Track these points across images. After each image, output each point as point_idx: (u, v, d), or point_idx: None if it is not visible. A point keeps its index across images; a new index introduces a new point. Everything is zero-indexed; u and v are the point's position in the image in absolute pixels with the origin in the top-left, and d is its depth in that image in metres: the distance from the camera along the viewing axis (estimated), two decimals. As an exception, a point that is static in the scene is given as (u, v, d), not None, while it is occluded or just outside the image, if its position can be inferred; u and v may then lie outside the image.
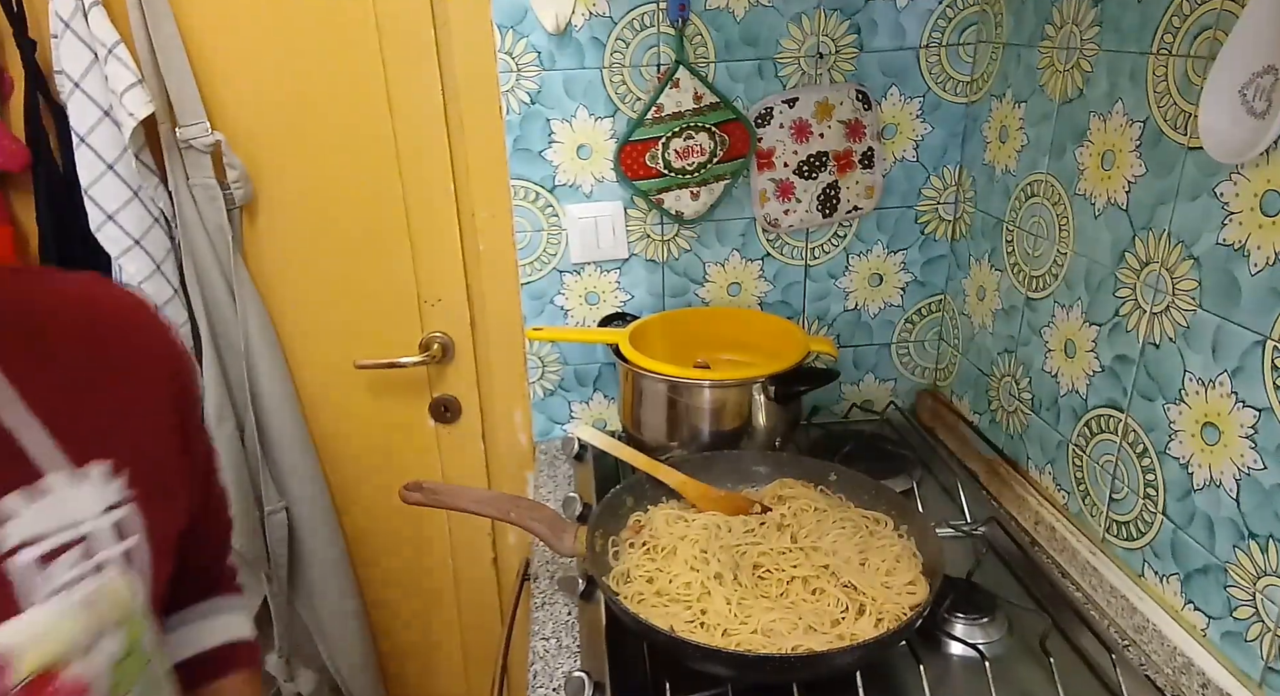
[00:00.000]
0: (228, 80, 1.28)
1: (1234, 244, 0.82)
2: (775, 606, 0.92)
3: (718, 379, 1.24)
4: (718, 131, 1.28)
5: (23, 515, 0.55)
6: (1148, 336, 0.96)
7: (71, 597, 0.57)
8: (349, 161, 1.35)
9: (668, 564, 0.99)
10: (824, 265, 1.42)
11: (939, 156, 1.37)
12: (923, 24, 1.29)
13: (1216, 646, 0.88)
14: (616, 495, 1.09)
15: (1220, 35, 0.82)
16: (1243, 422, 0.82)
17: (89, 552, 0.58)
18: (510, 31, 1.24)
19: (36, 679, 0.55)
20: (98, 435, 0.62)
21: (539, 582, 1.13)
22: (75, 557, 0.57)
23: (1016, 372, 1.23)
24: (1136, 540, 1.00)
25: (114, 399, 0.65)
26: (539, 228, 1.35)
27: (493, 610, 1.68)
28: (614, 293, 1.41)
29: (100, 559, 0.59)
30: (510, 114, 1.29)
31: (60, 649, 0.56)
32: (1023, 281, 1.20)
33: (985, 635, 0.98)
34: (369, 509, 1.57)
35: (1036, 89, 1.14)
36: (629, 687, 0.93)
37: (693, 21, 1.25)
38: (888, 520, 1.05)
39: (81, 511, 0.58)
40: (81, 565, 0.58)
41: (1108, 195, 1.01)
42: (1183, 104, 0.88)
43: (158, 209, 1.28)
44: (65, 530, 0.57)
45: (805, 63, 1.29)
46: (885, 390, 1.53)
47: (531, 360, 1.44)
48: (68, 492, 0.57)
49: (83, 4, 1.16)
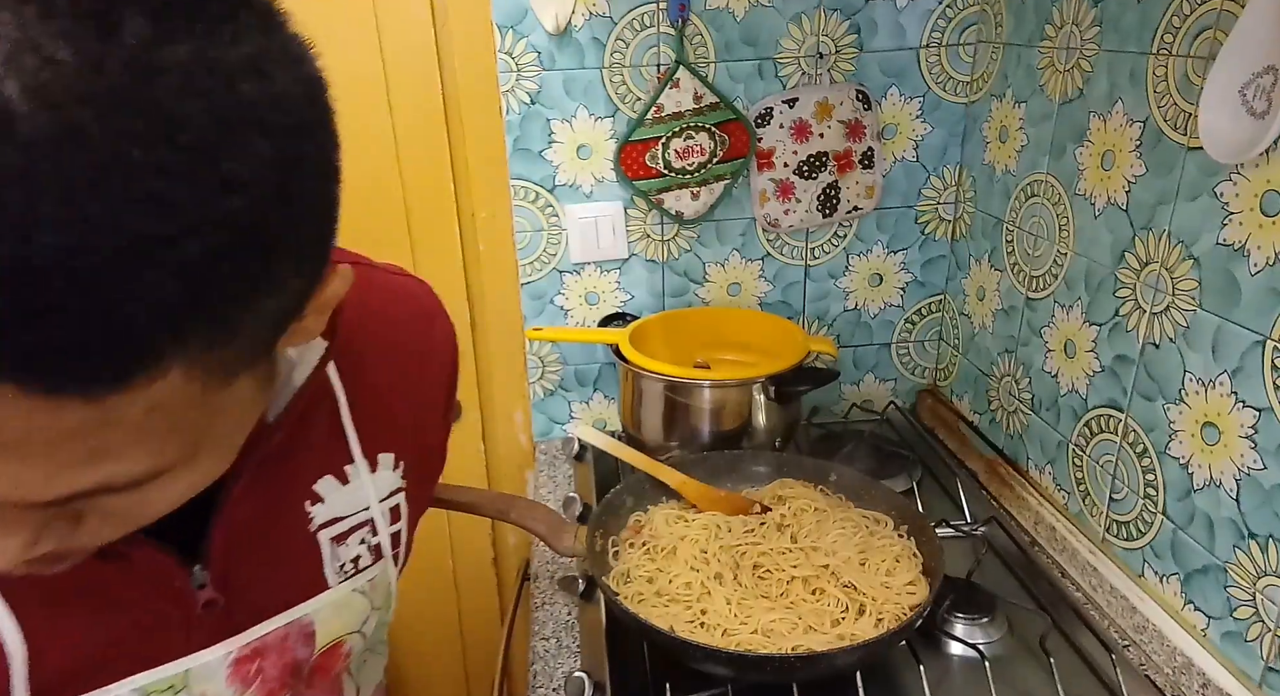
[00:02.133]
0: (228, 80, 1.28)
1: (1234, 244, 0.82)
2: (775, 606, 0.92)
3: (718, 379, 1.24)
4: (718, 131, 1.28)
5: (330, 499, 0.63)
6: (1148, 336, 0.96)
7: (359, 582, 0.66)
8: (349, 161, 1.33)
9: (668, 564, 0.99)
10: (824, 265, 1.42)
11: (939, 156, 1.37)
12: (923, 24, 1.29)
13: (1216, 646, 0.88)
14: (616, 495, 1.09)
15: (1220, 35, 0.82)
16: (1243, 423, 0.82)
17: (371, 533, 0.66)
18: (510, 31, 1.24)
19: (330, 647, 0.66)
20: (391, 429, 0.67)
21: (539, 582, 1.12)
22: (360, 537, 0.65)
23: (1016, 373, 1.23)
24: (1136, 540, 1.00)
25: (407, 395, 0.69)
26: (539, 228, 1.35)
27: (493, 610, 1.68)
28: (614, 293, 1.41)
29: (376, 541, 0.67)
30: (510, 114, 1.29)
31: (349, 625, 0.67)
32: (1023, 281, 1.20)
33: (985, 635, 0.98)
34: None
35: (1036, 89, 1.14)
36: (629, 687, 0.93)
37: (693, 21, 1.25)
38: (888, 520, 1.05)
39: (369, 498, 0.65)
40: (362, 546, 0.66)
41: (1108, 195, 1.01)
42: (1183, 104, 0.88)
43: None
44: (356, 513, 0.65)
45: (805, 63, 1.29)
46: (885, 390, 1.53)
47: (531, 360, 1.44)
48: (362, 481, 0.65)
49: (83, 4, 1.16)
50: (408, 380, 0.70)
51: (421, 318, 0.74)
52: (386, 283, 0.72)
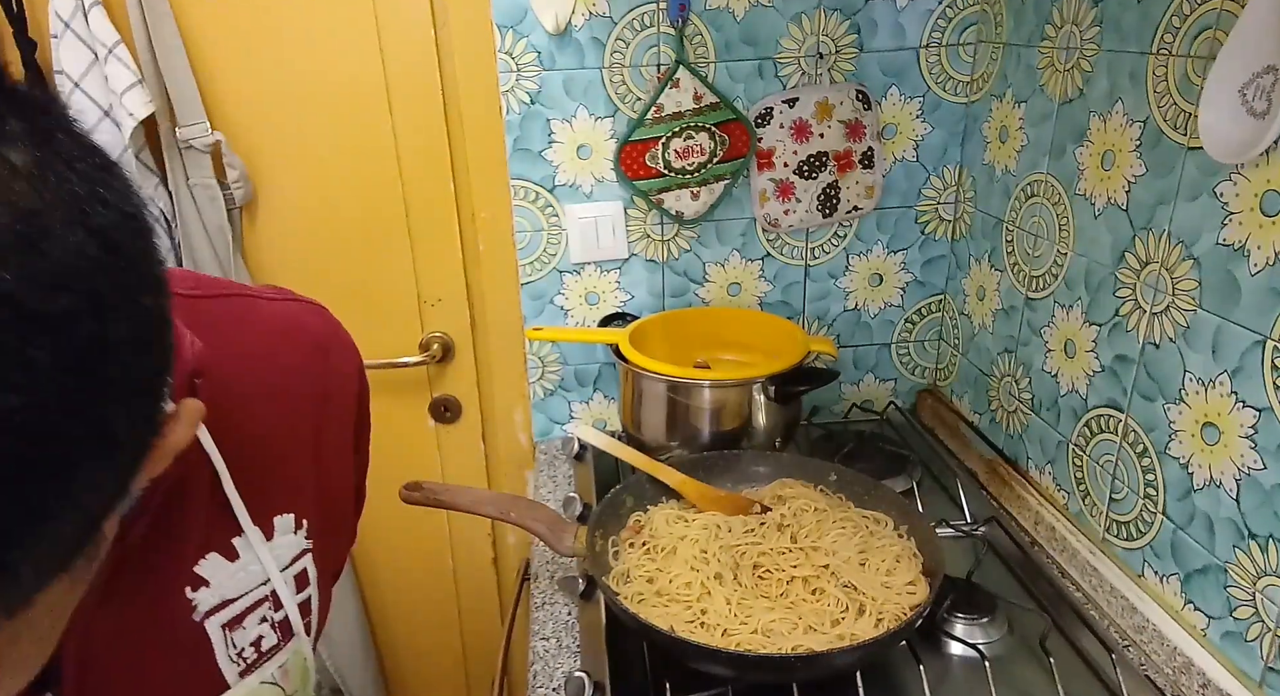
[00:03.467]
0: (228, 80, 1.28)
1: (1234, 244, 0.82)
2: (775, 606, 0.92)
3: (718, 379, 1.24)
4: (718, 131, 1.28)
5: (217, 580, 0.54)
6: (1148, 336, 0.96)
7: (267, 671, 0.58)
8: (349, 161, 1.35)
9: (668, 564, 0.99)
10: (824, 265, 1.42)
11: (939, 156, 1.37)
12: (923, 24, 1.29)
13: (1216, 646, 0.88)
14: (616, 495, 1.09)
15: (1220, 35, 0.82)
16: (1243, 422, 0.82)
17: (273, 608, 0.58)
18: (510, 31, 1.24)
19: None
20: (287, 487, 0.59)
21: (539, 582, 1.12)
22: (259, 617, 0.57)
23: (1016, 373, 1.23)
24: (1136, 540, 1.00)
25: (304, 445, 0.61)
26: (539, 228, 1.35)
27: (493, 610, 1.68)
28: (614, 293, 1.41)
29: (281, 616, 0.59)
30: (510, 114, 1.29)
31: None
32: (1023, 281, 1.20)
33: (985, 635, 0.98)
34: (369, 508, 1.56)
35: (1036, 89, 1.14)
36: (629, 687, 0.93)
37: (693, 21, 1.25)
38: (888, 520, 1.05)
39: (267, 570, 0.57)
40: (264, 625, 0.58)
41: (1108, 195, 1.01)
42: (1183, 104, 0.88)
43: (158, 209, 1.28)
44: (252, 590, 0.57)
45: (805, 63, 1.29)
46: (885, 390, 1.53)
47: (531, 360, 1.44)
48: (256, 553, 0.56)
49: (83, 4, 1.16)
50: (303, 427, 0.61)
51: (315, 352, 0.64)
52: (270, 317, 0.62)
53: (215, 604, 0.54)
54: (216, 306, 0.58)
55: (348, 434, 0.67)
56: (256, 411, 0.57)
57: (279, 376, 0.60)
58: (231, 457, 0.54)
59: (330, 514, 0.64)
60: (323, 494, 0.63)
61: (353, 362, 0.67)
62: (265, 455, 0.57)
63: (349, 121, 1.32)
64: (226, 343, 0.51)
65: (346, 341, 0.67)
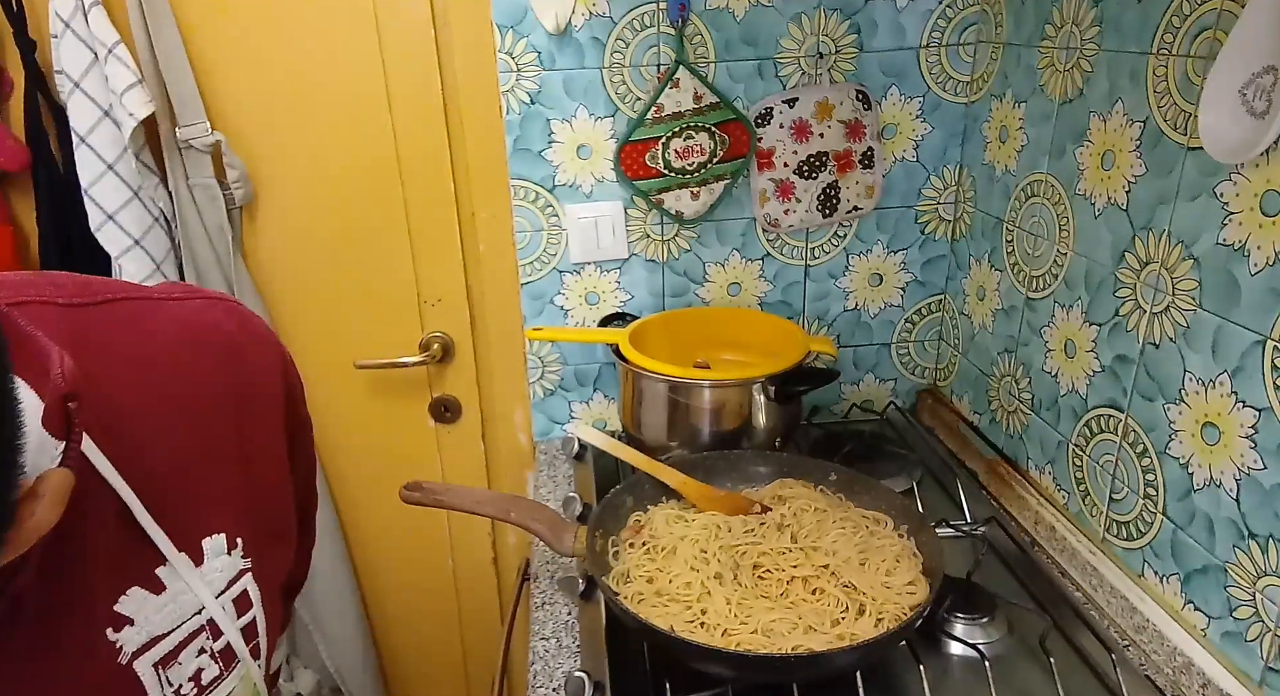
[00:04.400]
0: (228, 80, 1.28)
1: (1234, 244, 0.82)
2: (775, 606, 0.92)
3: (718, 379, 1.24)
4: (718, 131, 1.28)
5: (143, 617, 0.50)
6: (1148, 336, 0.96)
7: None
8: (349, 161, 1.35)
9: (668, 564, 0.99)
10: (824, 265, 1.42)
11: (939, 156, 1.37)
12: (923, 24, 1.29)
13: (1216, 646, 0.88)
14: (616, 495, 1.09)
15: (1220, 35, 0.82)
16: (1243, 422, 0.82)
17: (211, 638, 0.54)
18: (510, 31, 1.24)
19: None
20: (213, 505, 0.54)
21: (539, 582, 1.12)
22: (196, 648, 0.53)
23: (1016, 372, 1.23)
24: (1136, 540, 1.00)
25: (225, 457, 0.56)
26: (539, 228, 1.35)
27: (493, 610, 1.68)
28: (614, 293, 1.41)
29: (221, 645, 0.54)
30: (510, 114, 1.29)
31: None
32: (1023, 281, 1.20)
33: (985, 635, 0.98)
34: (369, 509, 1.57)
35: (1036, 89, 1.14)
36: (629, 687, 0.93)
37: (693, 21, 1.25)
38: (888, 520, 1.05)
39: (200, 598, 0.52)
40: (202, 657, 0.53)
41: (1108, 195, 1.01)
42: (1183, 104, 0.88)
43: (158, 209, 1.28)
44: (186, 622, 0.52)
45: (805, 63, 1.29)
46: (885, 390, 1.53)
47: (531, 360, 1.44)
48: (185, 581, 0.52)
49: (83, 4, 1.16)
50: (224, 438, 0.56)
51: (226, 353, 0.58)
52: (170, 320, 0.56)
53: (143, 642, 0.50)
54: (102, 314, 0.52)
55: (278, 436, 0.61)
56: (164, 426, 0.52)
57: (187, 385, 0.54)
58: (140, 483, 0.49)
59: (269, 526, 0.60)
60: (256, 506, 0.58)
61: (273, 358, 0.62)
62: (181, 474, 0.52)
63: (349, 121, 1.32)
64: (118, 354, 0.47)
65: (264, 336, 0.61)
